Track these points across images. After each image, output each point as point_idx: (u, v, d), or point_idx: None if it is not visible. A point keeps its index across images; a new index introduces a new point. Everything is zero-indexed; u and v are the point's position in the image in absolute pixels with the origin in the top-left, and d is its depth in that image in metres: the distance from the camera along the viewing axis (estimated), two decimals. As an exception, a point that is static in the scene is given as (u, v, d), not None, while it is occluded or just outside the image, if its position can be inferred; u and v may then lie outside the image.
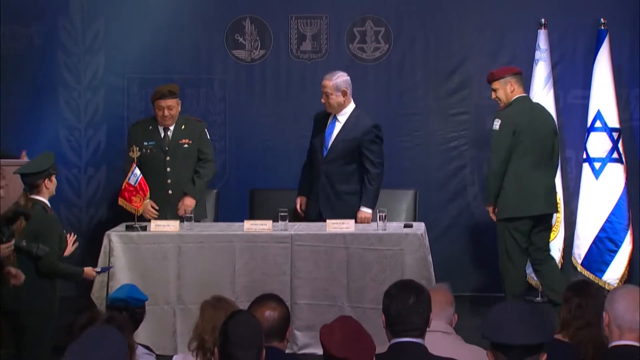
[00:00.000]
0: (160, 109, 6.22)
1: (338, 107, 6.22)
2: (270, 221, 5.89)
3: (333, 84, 6.18)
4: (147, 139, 6.28)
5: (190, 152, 6.32)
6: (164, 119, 6.25)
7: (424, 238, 5.81)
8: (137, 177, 5.94)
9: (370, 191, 6.19)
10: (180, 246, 5.78)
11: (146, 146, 6.25)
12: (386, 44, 7.23)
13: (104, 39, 7.22)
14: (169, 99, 6.22)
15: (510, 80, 6.18)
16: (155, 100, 6.24)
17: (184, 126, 6.32)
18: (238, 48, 7.25)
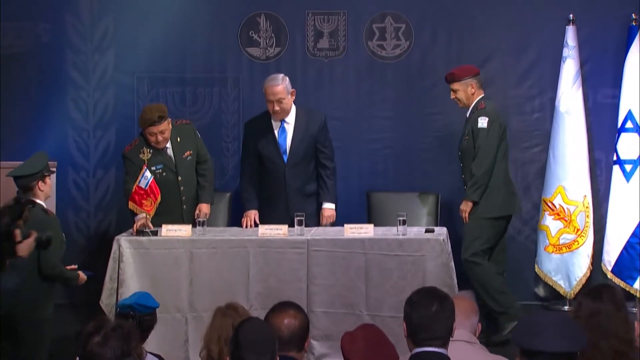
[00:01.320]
0: (152, 135, 6.04)
1: (289, 110, 6.29)
2: (285, 226, 5.88)
3: (283, 87, 6.21)
4: (153, 163, 6.11)
5: (193, 162, 6.28)
6: (158, 144, 6.09)
7: (446, 243, 5.78)
8: (147, 180, 5.94)
9: (330, 186, 6.33)
10: (192, 251, 5.78)
11: (154, 171, 6.08)
12: (407, 41, 7.20)
13: (114, 36, 7.22)
14: (160, 123, 6.03)
15: (472, 81, 6.31)
16: (146, 128, 6.03)
17: (178, 138, 6.20)
18: (252, 45, 7.24)
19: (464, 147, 6.36)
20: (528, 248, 7.13)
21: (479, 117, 6.27)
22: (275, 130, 6.33)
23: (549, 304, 7.05)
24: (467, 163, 6.34)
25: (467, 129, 6.32)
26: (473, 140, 6.26)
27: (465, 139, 6.33)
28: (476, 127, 6.27)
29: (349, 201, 6.96)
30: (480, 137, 6.23)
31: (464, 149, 6.36)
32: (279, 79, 6.24)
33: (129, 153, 6.16)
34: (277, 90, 6.19)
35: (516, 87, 7.17)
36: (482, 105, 6.31)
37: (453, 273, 5.76)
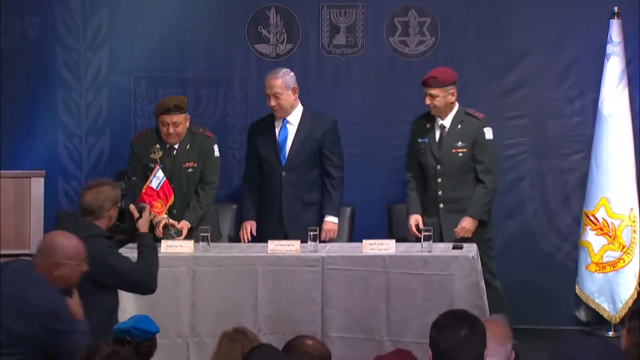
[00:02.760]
0: (164, 124, 6.21)
1: (290, 109, 6.38)
2: (297, 241, 5.89)
3: (282, 82, 6.34)
4: (152, 158, 6.26)
5: (195, 177, 6.34)
6: (168, 137, 6.23)
7: (476, 261, 5.78)
8: (159, 180, 6.05)
9: (335, 198, 6.41)
10: (195, 270, 5.80)
11: (151, 168, 6.24)
12: (432, 37, 7.22)
13: (108, 32, 7.26)
14: (175, 114, 6.19)
15: (453, 89, 6.40)
16: (159, 115, 6.22)
17: (189, 145, 6.30)
18: (261, 42, 7.27)
19: (455, 160, 6.38)
20: (568, 267, 7.12)
21: (484, 127, 6.40)
22: (277, 130, 6.43)
23: (591, 330, 7.04)
24: (460, 178, 6.38)
25: (464, 141, 6.37)
26: (473, 153, 6.36)
27: (461, 152, 6.38)
28: (482, 138, 6.38)
29: (368, 214, 6.97)
30: (489, 149, 6.39)
31: (455, 163, 6.39)
32: (279, 72, 6.38)
33: (136, 144, 6.33)
34: (273, 84, 6.32)
35: (554, 87, 7.17)
36: (480, 114, 6.44)
37: (484, 294, 5.76)
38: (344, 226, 6.71)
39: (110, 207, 5.05)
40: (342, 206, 6.54)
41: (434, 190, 6.42)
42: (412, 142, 6.52)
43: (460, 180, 6.38)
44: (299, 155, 6.41)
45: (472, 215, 6.34)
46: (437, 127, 6.45)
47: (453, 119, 6.43)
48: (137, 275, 5.03)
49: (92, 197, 5.04)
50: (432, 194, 6.42)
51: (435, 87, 6.34)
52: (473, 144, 6.38)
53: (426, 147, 6.44)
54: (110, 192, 5.07)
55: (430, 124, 6.46)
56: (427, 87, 6.36)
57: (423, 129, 6.48)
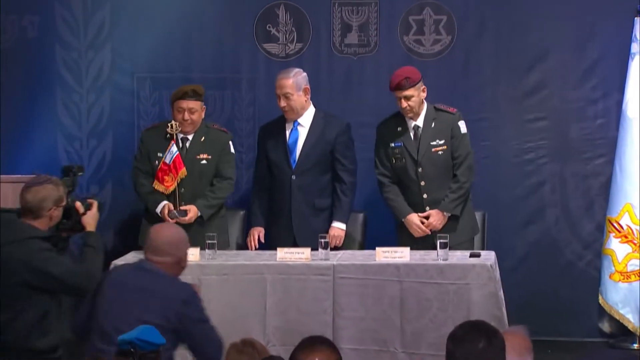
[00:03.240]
0: (180, 111, 6.31)
1: (301, 110, 6.43)
2: (308, 249, 5.91)
3: (293, 82, 6.38)
4: (162, 149, 6.36)
5: (209, 170, 6.41)
6: (184, 124, 6.32)
7: (494, 270, 5.79)
8: (172, 155, 6.19)
9: (344, 204, 6.44)
10: (201, 279, 5.81)
11: (160, 158, 6.34)
12: (448, 36, 7.23)
13: (111, 31, 7.29)
14: (192, 100, 6.31)
15: (423, 85, 6.42)
16: (175, 101, 6.32)
17: (204, 137, 6.40)
18: (270, 41, 7.29)
19: (435, 159, 6.41)
20: (590, 276, 7.11)
21: (459, 121, 6.44)
22: (287, 132, 6.45)
23: (615, 342, 7.03)
24: (443, 178, 6.40)
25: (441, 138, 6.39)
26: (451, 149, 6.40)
27: (440, 150, 6.41)
28: (458, 132, 6.42)
29: (381, 221, 6.96)
30: (464, 143, 6.43)
31: (436, 162, 6.41)
32: (290, 72, 6.42)
33: (147, 136, 6.44)
34: (283, 84, 6.36)
35: (576, 88, 7.17)
36: (452, 109, 6.48)
37: (502, 304, 5.77)
38: (356, 233, 6.73)
39: (51, 206, 5.02)
40: (352, 212, 6.56)
41: (417, 194, 6.42)
42: (382, 148, 6.50)
43: (444, 180, 6.40)
44: (309, 158, 6.43)
45: (440, 208, 6.35)
46: (411, 129, 6.46)
47: (425, 117, 6.45)
48: (71, 279, 4.99)
49: (32, 196, 5.02)
50: (416, 198, 6.42)
51: (409, 88, 6.35)
52: (451, 140, 6.41)
53: (402, 151, 6.44)
54: (51, 191, 5.03)
55: (401, 126, 6.47)
56: (400, 89, 6.34)
57: (393, 133, 6.47)
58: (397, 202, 6.43)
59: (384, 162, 6.50)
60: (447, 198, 6.37)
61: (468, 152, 6.46)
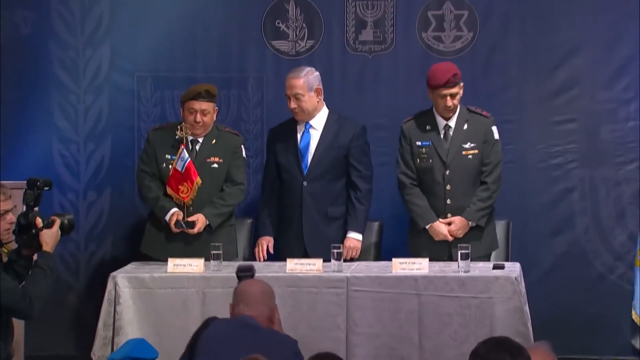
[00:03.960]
0: (192, 112, 6.33)
1: (313, 112, 6.43)
2: (320, 260, 5.92)
3: (304, 81, 6.40)
4: (171, 151, 6.37)
5: (220, 174, 6.44)
6: (195, 126, 6.35)
7: (519, 283, 5.79)
8: (184, 162, 6.16)
9: (360, 212, 6.44)
10: (206, 292, 5.84)
11: (168, 160, 6.36)
12: (470, 32, 7.24)
13: (109, 28, 7.31)
14: (204, 101, 6.34)
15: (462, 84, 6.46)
16: (187, 102, 6.34)
17: (215, 140, 6.43)
18: (279, 38, 7.31)
19: (465, 163, 6.42)
20: (623, 289, 7.10)
21: (492, 126, 6.46)
22: (298, 135, 6.47)
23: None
24: (470, 184, 6.42)
25: (473, 141, 6.41)
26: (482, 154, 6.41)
27: (471, 154, 6.43)
28: (492, 137, 6.44)
29: (398, 230, 6.97)
30: (497, 150, 6.45)
31: (465, 166, 6.42)
32: (301, 71, 6.43)
33: (155, 135, 6.43)
34: (294, 84, 6.38)
35: (607, 88, 7.16)
36: (485, 112, 6.49)
37: (528, 319, 5.77)
38: (370, 243, 6.75)
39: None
40: (367, 221, 6.57)
41: (440, 199, 6.43)
42: (406, 147, 6.51)
43: (471, 187, 6.41)
44: (322, 163, 6.44)
45: (465, 216, 6.36)
46: (441, 128, 6.47)
47: (458, 118, 6.46)
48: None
49: None
50: (439, 203, 6.43)
51: (456, 85, 6.37)
52: (482, 144, 6.42)
53: (430, 151, 6.44)
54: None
55: (430, 124, 6.48)
56: (448, 87, 6.35)
57: (421, 130, 6.48)
58: (421, 208, 6.42)
59: (407, 161, 6.50)
60: (473, 206, 6.38)
61: (499, 160, 6.47)
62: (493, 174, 6.43)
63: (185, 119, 6.35)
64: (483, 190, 6.41)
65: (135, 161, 7.10)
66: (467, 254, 5.85)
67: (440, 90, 6.34)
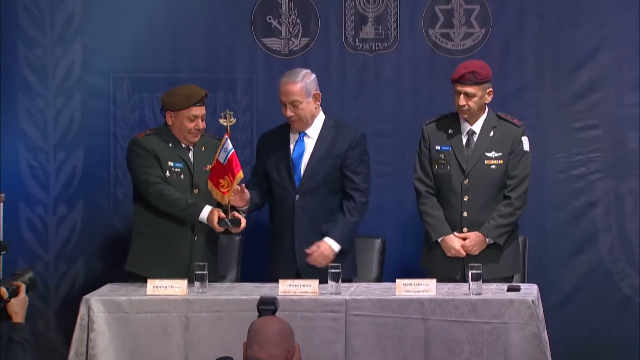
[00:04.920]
0: (193, 119, 6.34)
1: (310, 119, 6.44)
2: (315, 281, 5.92)
3: (301, 87, 6.37)
4: (173, 158, 6.37)
5: None
6: (195, 134, 6.37)
7: (536, 306, 5.79)
8: (227, 153, 6.14)
9: (347, 224, 6.41)
10: (189, 316, 5.83)
11: (172, 168, 6.36)
12: (482, 29, 7.25)
13: (82, 24, 7.31)
14: (203, 105, 6.37)
15: (491, 88, 6.44)
16: (188, 108, 6.33)
17: (203, 147, 6.46)
18: (271, 35, 7.32)
19: (486, 173, 6.42)
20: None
21: (522, 136, 6.47)
22: (291, 145, 6.46)
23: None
24: (490, 197, 6.42)
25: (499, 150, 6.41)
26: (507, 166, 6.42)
27: (494, 164, 6.43)
28: (520, 148, 6.44)
29: (402, 247, 6.99)
30: (525, 163, 6.46)
31: (486, 177, 6.42)
32: (298, 75, 6.40)
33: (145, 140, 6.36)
34: (290, 90, 6.36)
35: (634, 91, 7.16)
36: (516, 120, 6.51)
37: (546, 347, 5.76)
38: (372, 261, 6.76)
39: None
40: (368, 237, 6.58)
41: (456, 211, 6.44)
42: (425, 151, 6.52)
43: (490, 200, 6.41)
44: (316, 175, 6.43)
45: (483, 231, 6.38)
46: (464, 133, 6.49)
47: (484, 124, 6.48)
48: None
49: None
50: (454, 216, 6.44)
51: (474, 84, 6.38)
52: (509, 155, 6.43)
53: (450, 157, 6.46)
54: None
55: (453, 128, 6.50)
56: (462, 83, 6.38)
57: (442, 134, 6.50)
58: (435, 218, 6.44)
59: (425, 167, 6.52)
60: (493, 221, 6.38)
61: (527, 174, 6.47)
62: (518, 189, 6.43)
63: (183, 128, 6.35)
64: (505, 206, 6.41)
65: (112, 172, 7.10)
66: (479, 275, 5.84)
67: (455, 86, 6.40)
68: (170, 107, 6.38)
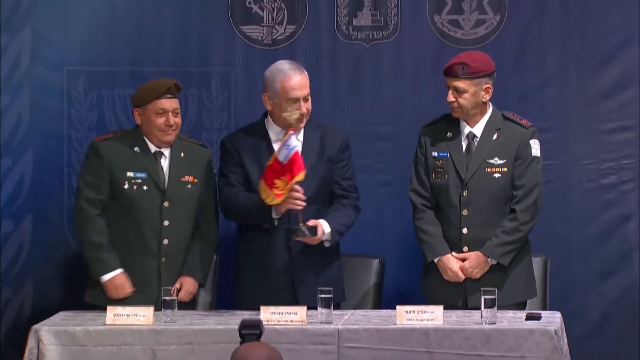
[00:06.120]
0: (161, 114, 6.37)
1: None
2: (303, 308, 5.90)
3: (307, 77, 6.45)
4: (134, 167, 6.36)
5: (194, 198, 6.47)
6: (167, 131, 6.39)
7: (559, 337, 5.78)
8: (289, 150, 6.14)
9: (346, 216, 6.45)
10: (155, 349, 5.80)
11: (133, 179, 6.34)
12: (496, 15, 7.26)
13: (31, 8, 7.31)
14: (174, 98, 6.39)
15: (488, 83, 6.45)
16: (154, 101, 6.35)
17: (182, 154, 6.45)
18: (251, 23, 7.33)
19: (488, 184, 6.41)
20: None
21: (531, 139, 6.45)
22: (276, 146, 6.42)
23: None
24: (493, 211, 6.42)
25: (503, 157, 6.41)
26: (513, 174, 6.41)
27: (497, 172, 6.42)
28: (528, 153, 6.41)
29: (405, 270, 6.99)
30: (534, 170, 6.43)
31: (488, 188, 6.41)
32: (294, 63, 6.45)
33: (106, 148, 6.38)
34: (305, 82, 6.41)
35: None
36: (525, 121, 6.50)
37: (572, 385, 5.78)
38: (368, 285, 6.78)
39: None
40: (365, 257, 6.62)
41: (454, 227, 6.45)
42: (421, 157, 6.52)
43: (495, 215, 6.41)
44: (311, 184, 6.40)
45: (483, 251, 6.37)
46: (464, 136, 6.47)
47: (486, 126, 6.47)
48: None
49: None
50: (452, 233, 6.45)
51: (463, 78, 6.37)
52: (514, 161, 6.41)
53: (447, 164, 6.46)
54: None
55: (452, 131, 6.49)
56: (450, 76, 6.38)
57: (440, 138, 6.50)
58: (432, 236, 6.44)
59: (420, 176, 6.52)
60: (495, 239, 6.37)
61: (536, 183, 6.44)
62: (525, 201, 6.41)
63: (152, 125, 6.36)
64: (510, 220, 6.40)
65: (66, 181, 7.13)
66: (493, 301, 5.82)
67: (445, 79, 6.41)
68: (136, 103, 6.42)
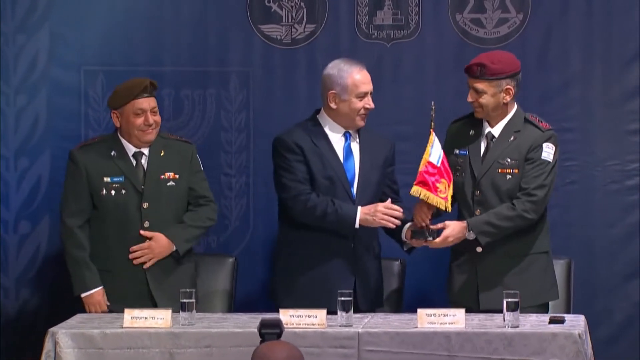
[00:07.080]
0: (139, 114, 6.39)
1: None
2: (323, 311, 5.90)
3: None
4: (111, 172, 6.41)
5: (177, 194, 6.49)
6: (147, 131, 6.41)
7: (583, 341, 5.76)
8: (439, 153, 6.17)
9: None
10: (173, 352, 5.80)
11: (109, 184, 6.38)
12: (519, 14, 7.26)
13: (49, 8, 7.32)
14: (152, 96, 6.41)
15: (510, 84, 6.40)
16: (132, 101, 6.37)
17: (163, 151, 6.47)
18: (270, 22, 7.34)
19: (500, 184, 6.41)
20: None
21: (545, 142, 6.41)
22: (338, 150, 6.44)
23: None
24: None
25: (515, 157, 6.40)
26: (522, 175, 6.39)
27: (509, 173, 6.41)
28: (537, 156, 6.38)
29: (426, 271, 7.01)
30: (541, 173, 6.38)
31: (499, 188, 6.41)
32: (357, 60, 6.46)
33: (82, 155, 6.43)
34: (370, 77, 6.42)
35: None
36: (545, 124, 6.46)
37: (596, 389, 5.78)
38: (390, 289, 6.78)
39: None
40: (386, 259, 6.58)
41: None
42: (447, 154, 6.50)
43: None
44: (369, 187, 6.46)
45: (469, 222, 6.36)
46: (483, 136, 6.49)
47: (506, 127, 6.46)
48: None
49: None
50: None
51: (482, 79, 6.36)
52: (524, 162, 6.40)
53: (465, 163, 6.48)
54: None
55: (475, 130, 6.50)
56: (470, 77, 6.38)
57: (464, 137, 6.52)
58: None
59: None
60: (485, 216, 6.37)
61: (540, 184, 6.38)
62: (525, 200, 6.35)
63: (131, 125, 6.40)
64: (507, 209, 6.37)
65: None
66: (516, 304, 5.81)
67: (467, 79, 6.42)
68: (114, 105, 6.47)
